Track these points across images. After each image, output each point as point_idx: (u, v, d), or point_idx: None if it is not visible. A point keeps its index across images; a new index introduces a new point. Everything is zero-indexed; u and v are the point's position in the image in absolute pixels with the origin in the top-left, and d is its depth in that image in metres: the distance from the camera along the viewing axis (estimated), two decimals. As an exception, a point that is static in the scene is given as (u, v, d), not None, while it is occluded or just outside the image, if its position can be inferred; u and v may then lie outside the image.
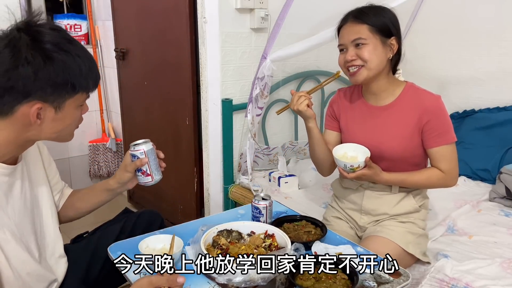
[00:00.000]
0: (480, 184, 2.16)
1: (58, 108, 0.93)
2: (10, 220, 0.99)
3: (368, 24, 1.31)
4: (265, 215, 1.31)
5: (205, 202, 2.33)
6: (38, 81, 0.88)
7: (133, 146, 1.16)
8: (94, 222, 1.47)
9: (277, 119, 2.41)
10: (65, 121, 0.97)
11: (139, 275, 1.05)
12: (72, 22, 3.00)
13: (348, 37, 1.33)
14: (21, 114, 0.90)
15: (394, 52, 1.35)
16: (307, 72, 2.45)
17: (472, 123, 2.37)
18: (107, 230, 1.34)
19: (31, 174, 1.10)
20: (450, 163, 1.35)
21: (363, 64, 1.31)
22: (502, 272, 1.35)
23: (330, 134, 1.56)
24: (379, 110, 1.41)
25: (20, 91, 0.87)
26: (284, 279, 1.03)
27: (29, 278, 1.02)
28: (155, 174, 1.20)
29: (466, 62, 2.46)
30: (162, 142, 2.56)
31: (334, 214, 1.56)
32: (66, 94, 0.93)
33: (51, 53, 0.88)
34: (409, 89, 1.39)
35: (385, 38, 1.32)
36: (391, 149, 1.37)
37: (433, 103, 1.33)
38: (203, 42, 2.04)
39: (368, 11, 1.33)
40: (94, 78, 0.98)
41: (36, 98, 0.89)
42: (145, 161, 1.15)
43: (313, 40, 1.87)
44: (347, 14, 1.37)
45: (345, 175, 1.34)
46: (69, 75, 0.91)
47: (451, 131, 1.34)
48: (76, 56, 0.92)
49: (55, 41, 0.89)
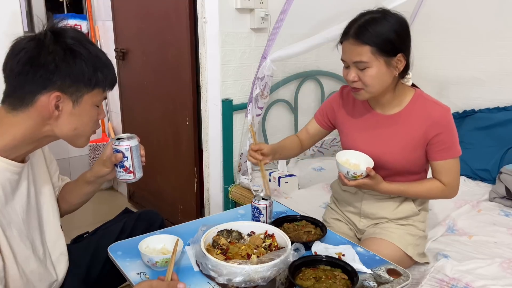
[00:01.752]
0: (480, 184, 2.16)
1: (76, 102, 0.97)
2: (18, 217, 1.00)
3: (370, 46, 1.20)
4: (265, 215, 1.31)
5: (205, 202, 2.33)
6: (58, 71, 0.92)
7: (118, 141, 1.10)
8: (94, 222, 1.48)
9: (277, 119, 2.41)
10: (82, 118, 1.00)
11: (139, 275, 1.06)
12: (72, 22, 3.00)
13: (349, 57, 1.24)
14: (41, 104, 0.93)
15: (401, 70, 1.26)
16: (307, 72, 2.46)
17: (472, 123, 2.37)
18: (108, 230, 1.34)
19: (35, 172, 1.11)
20: (452, 176, 1.32)
21: (364, 88, 1.26)
22: (502, 272, 1.35)
23: (315, 126, 1.54)
24: (385, 119, 1.35)
25: (41, 80, 0.92)
26: (284, 279, 1.04)
27: (32, 276, 1.02)
28: (137, 172, 1.14)
29: (466, 62, 2.46)
30: (162, 142, 2.57)
31: (333, 216, 1.55)
32: (84, 88, 0.97)
33: (72, 46, 0.94)
34: (417, 98, 1.32)
35: (390, 57, 1.22)
36: (394, 160, 1.33)
37: (443, 116, 1.27)
38: (203, 42, 2.04)
39: (370, 27, 1.20)
40: (111, 76, 1.02)
41: (56, 88, 0.93)
42: (129, 158, 1.11)
43: (313, 40, 1.87)
44: (347, 28, 1.26)
45: (346, 182, 1.30)
46: (87, 68, 0.95)
47: (457, 144, 1.30)
48: (94, 53, 0.97)
49: (76, 37, 0.96)
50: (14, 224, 0.98)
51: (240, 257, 1.07)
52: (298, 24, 2.02)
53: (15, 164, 0.98)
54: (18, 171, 1.00)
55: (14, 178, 0.99)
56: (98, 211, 2.91)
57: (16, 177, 1.00)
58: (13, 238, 0.97)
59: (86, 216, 2.86)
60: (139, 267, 1.09)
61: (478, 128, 2.33)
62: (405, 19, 1.25)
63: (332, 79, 2.59)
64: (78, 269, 1.22)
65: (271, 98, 2.24)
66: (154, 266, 1.07)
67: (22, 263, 0.99)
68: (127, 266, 1.09)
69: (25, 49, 0.92)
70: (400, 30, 1.22)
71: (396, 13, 1.25)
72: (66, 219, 1.26)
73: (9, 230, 0.96)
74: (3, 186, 0.95)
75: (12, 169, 0.97)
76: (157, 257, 1.06)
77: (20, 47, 0.92)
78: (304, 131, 1.58)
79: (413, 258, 1.36)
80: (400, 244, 1.34)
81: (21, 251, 0.99)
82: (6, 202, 0.97)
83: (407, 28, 1.25)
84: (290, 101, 2.44)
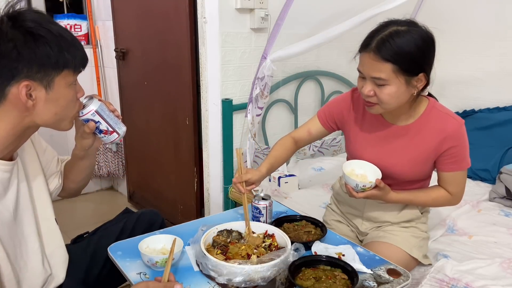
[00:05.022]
0: (480, 184, 2.16)
1: (48, 87, 0.92)
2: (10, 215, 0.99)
3: (392, 63, 1.11)
4: (265, 215, 1.31)
5: (205, 202, 2.33)
6: (22, 58, 0.87)
7: (80, 111, 1.04)
8: (94, 222, 1.47)
9: (277, 119, 2.41)
10: (59, 102, 0.95)
11: (139, 275, 1.06)
12: (72, 22, 3.00)
13: (368, 71, 1.16)
14: (13, 96, 0.89)
15: (420, 88, 1.18)
16: (307, 72, 2.45)
17: (472, 123, 2.37)
18: (108, 230, 1.34)
19: (27, 168, 1.09)
20: (459, 187, 1.31)
21: (379, 103, 1.19)
22: (502, 272, 1.35)
23: (318, 127, 1.46)
24: (397, 130, 1.29)
25: (6, 70, 0.87)
26: (284, 279, 1.03)
27: (25, 272, 1.02)
28: (118, 128, 1.10)
29: (466, 62, 2.46)
30: (162, 142, 2.57)
31: (334, 217, 1.54)
32: (52, 71, 0.91)
33: (32, 29, 0.88)
34: (431, 109, 1.26)
35: (411, 76, 1.14)
36: (402, 171, 1.30)
37: (457, 129, 1.22)
38: (203, 42, 2.04)
39: (393, 43, 1.10)
40: (79, 55, 0.95)
41: (23, 77, 0.88)
42: (102, 121, 1.07)
43: (313, 40, 1.86)
44: (369, 39, 1.15)
45: (354, 195, 1.25)
46: (51, 50, 0.89)
47: (468, 157, 1.27)
48: (57, 33, 0.91)
49: (36, 19, 0.90)
50: (6, 223, 0.97)
51: (240, 257, 1.07)
52: (298, 24, 2.02)
53: (4, 163, 0.96)
54: (8, 169, 0.97)
55: (5, 177, 0.97)
56: (98, 211, 2.92)
57: (7, 175, 0.98)
58: (4, 237, 0.96)
59: (86, 216, 2.86)
60: (139, 267, 1.09)
61: (478, 128, 2.33)
62: (432, 35, 1.15)
63: (332, 79, 2.59)
64: (78, 269, 1.21)
65: (271, 98, 2.24)
66: (154, 266, 1.07)
67: (14, 261, 0.99)
68: (127, 266, 1.09)
69: None
70: (425, 47, 1.13)
71: (423, 27, 1.15)
72: (66, 219, 1.26)
73: (2, 229, 0.95)
74: None
75: (2, 167, 0.95)
76: (157, 257, 1.06)
77: None
78: (305, 131, 1.49)
79: (419, 260, 1.35)
80: (405, 247, 1.33)
81: (12, 249, 0.98)
82: None
83: (433, 45, 1.16)
84: (290, 101, 2.44)
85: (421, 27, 1.15)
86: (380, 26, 1.16)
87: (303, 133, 1.49)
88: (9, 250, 0.97)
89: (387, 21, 1.17)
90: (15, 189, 1.02)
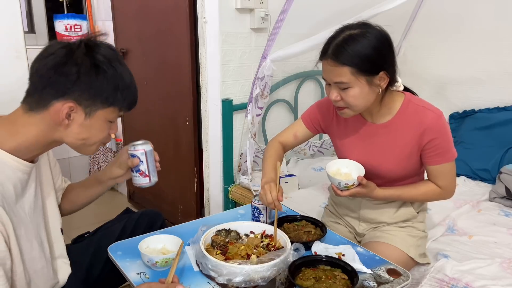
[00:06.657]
0: (480, 184, 2.16)
1: (88, 114, 0.98)
2: (26, 216, 1.01)
3: (350, 66, 1.14)
4: (265, 215, 1.31)
5: (205, 202, 2.33)
6: (79, 83, 0.94)
7: (133, 146, 1.16)
8: (95, 222, 1.47)
9: (277, 119, 2.41)
10: (92, 130, 1.00)
11: (139, 276, 1.06)
12: (72, 22, 3.00)
13: (330, 76, 1.20)
14: (54, 110, 0.94)
15: (384, 87, 1.20)
16: (307, 72, 2.46)
17: (472, 123, 2.37)
18: (108, 230, 1.34)
19: (41, 174, 1.12)
20: (448, 180, 1.30)
21: (347, 107, 1.22)
22: (502, 272, 1.35)
23: (304, 130, 1.47)
24: (377, 128, 1.31)
25: (61, 87, 0.93)
26: (284, 279, 1.04)
27: (35, 276, 1.03)
28: (152, 176, 1.19)
29: (466, 62, 2.46)
30: (162, 142, 2.57)
31: (332, 219, 1.54)
32: (100, 104, 0.98)
33: (100, 63, 0.95)
34: (408, 104, 1.27)
35: (372, 76, 1.17)
36: (389, 169, 1.31)
37: (435, 121, 1.23)
38: (203, 42, 2.04)
39: (348, 47, 1.14)
40: (130, 98, 1.04)
41: (72, 98, 0.94)
42: (144, 162, 1.16)
43: (313, 40, 1.86)
44: (326, 46, 1.19)
45: (339, 193, 1.27)
46: (108, 86, 0.96)
47: (452, 148, 1.27)
48: (120, 74, 0.98)
49: (107, 55, 0.97)
50: (23, 224, 0.99)
51: (240, 257, 1.07)
52: (298, 24, 2.02)
53: (26, 164, 0.99)
54: (28, 171, 1.01)
55: (24, 178, 1.00)
56: (99, 211, 2.90)
57: (26, 177, 1.01)
58: (21, 237, 0.98)
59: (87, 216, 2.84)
60: (139, 267, 1.09)
61: (478, 128, 2.33)
62: (386, 34, 1.19)
63: (332, 79, 2.59)
64: (78, 269, 1.21)
65: (271, 98, 2.24)
66: (154, 266, 1.07)
67: (27, 262, 1.00)
68: (127, 266, 1.09)
69: (54, 54, 0.93)
70: (380, 47, 1.16)
71: (377, 28, 1.18)
72: (66, 219, 1.26)
73: (19, 229, 0.97)
74: (14, 185, 0.97)
75: (23, 169, 0.99)
76: (157, 257, 1.06)
77: (50, 51, 0.94)
78: (291, 135, 1.49)
79: (415, 259, 1.35)
80: (401, 247, 1.33)
81: (27, 250, 1.00)
82: (17, 201, 0.98)
83: (389, 43, 1.19)
84: (290, 101, 2.44)
85: (374, 27, 1.18)
86: (335, 32, 1.21)
87: (289, 137, 1.51)
88: (23, 250, 0.98)
89: (342, 27, 1.21)
90: (32, 191, 1.04)
